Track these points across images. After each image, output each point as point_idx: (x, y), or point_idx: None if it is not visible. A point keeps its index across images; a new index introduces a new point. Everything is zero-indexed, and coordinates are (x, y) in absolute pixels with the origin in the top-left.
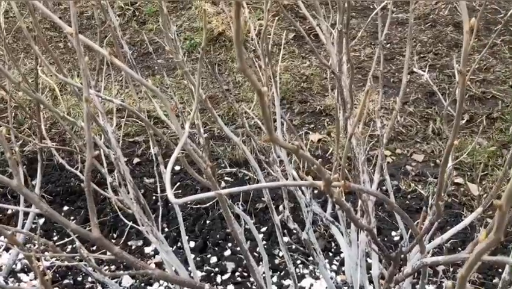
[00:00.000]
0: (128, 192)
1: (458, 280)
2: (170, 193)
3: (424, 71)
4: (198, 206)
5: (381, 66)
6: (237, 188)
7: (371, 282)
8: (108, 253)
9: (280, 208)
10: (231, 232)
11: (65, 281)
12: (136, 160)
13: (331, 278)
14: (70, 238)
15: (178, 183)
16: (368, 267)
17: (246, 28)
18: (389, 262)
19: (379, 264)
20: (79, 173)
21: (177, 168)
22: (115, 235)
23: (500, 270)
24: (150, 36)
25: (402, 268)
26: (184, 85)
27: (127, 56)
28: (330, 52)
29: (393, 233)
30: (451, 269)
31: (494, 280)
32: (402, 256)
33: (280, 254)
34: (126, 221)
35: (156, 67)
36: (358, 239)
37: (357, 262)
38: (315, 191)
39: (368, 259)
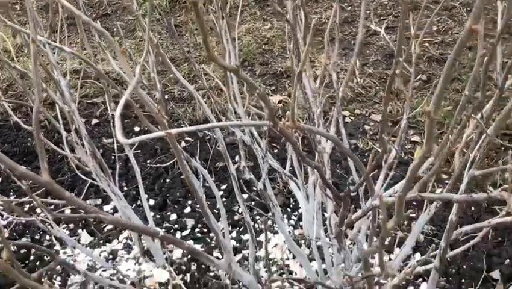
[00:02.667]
0: (83, 146)
1: (396, 200)
2: (119, 135)
3: (387, 33)
4: (158, 165)
5: (329, 24)
6: (187, 128)
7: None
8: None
9: (236, 158)
10: (185, 178)
11: (23, 239)
12: (94, 121)
13: (289, 232)
14: (28, 197)
15: (137, 144)
16: (325, 220)
17: None
18: (339, 204)
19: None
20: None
21: (137, 129)
22: (73, 194)
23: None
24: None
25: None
26: (143, 47)
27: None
28: (288, 10)
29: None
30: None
31: None
32: (351, 195)
33: (240, 210)
34: (85, 178)
35: (115, 29)
36: (314, 194)
37: (313, 216)
38: (275, 150)
39: (325, 213)
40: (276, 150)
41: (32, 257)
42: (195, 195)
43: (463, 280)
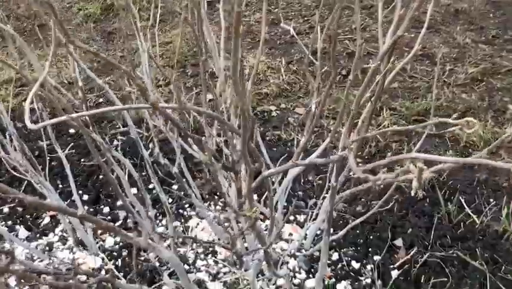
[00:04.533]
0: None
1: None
2: (27, 120)
3: (308, 32)
4: (90, 162)
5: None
6: (85, 112)
7: None
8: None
9: (150, 145)
10: (101, 166)
11: None
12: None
13: (214, 217)
14: None
15: (72, 144)
16: None
17: None
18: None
19: None
20: None
21: (71, 131)
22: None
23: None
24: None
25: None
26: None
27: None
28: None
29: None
30: None
31: None
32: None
33: (170, 200)
34: (21, 178)
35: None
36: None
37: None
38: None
39: None
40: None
41: None
42: (107, 175)
43: (370, 249)
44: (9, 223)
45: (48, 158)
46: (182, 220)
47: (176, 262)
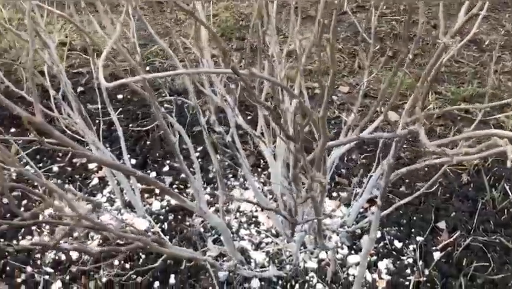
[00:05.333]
0: (73, 111)
1: (320, 120)
2: (101, 78)
3: (355, 11)
4: (139, 128)
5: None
6: (161, 74)
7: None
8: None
9: (207, 112)
10: (161, 127)
11: (14, 193)
12: (80, 89)
13: (258, 188)
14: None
15: (120, 109)
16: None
17: None
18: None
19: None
20: (25, 94)
21: (120, 96)
22: (60, 154)
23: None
24: None
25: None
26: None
27: None
28: None
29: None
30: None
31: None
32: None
33: (214, 169)
34: (73, 136)
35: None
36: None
37: (280, 172)
38: (248, 117)
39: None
40: (249, 117)
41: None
42: (168, 141)
43: (413, 230)
44: (59, 181)
45: (97, 121)
46: (226, 190)
47: (224, 228)
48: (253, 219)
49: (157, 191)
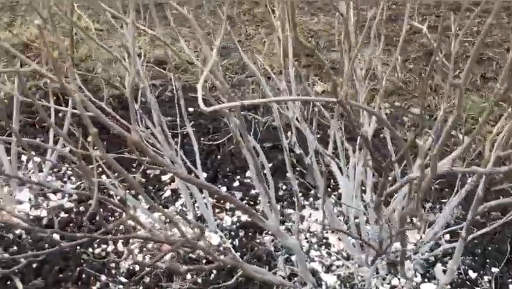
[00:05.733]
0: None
1: (432, 157)
2: (201, 103)
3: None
4: (210, 142)
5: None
6: (257, 100)
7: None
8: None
9: (289, 134)
10: (244, 148)
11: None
12: None
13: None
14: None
15: (192, 122)
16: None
17: None
18: (380, 174)
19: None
20: (104, 105)
21: (191, 109)
22: (134, 165)
23: None
24: None
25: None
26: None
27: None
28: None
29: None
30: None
31: None
32: (391, 166)
33: (284, 187)
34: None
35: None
36: (354, 174)
37: (353, 194)
38: (318, 136)
39: (363, 194)
40: (318, 135)
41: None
42: (251, 160)
43: (488, 260)
44: (133, 192)
45: (170, 133)
46: (296, 209)
47: (298, 249)
48: (324, 240)
49: (227, 206)
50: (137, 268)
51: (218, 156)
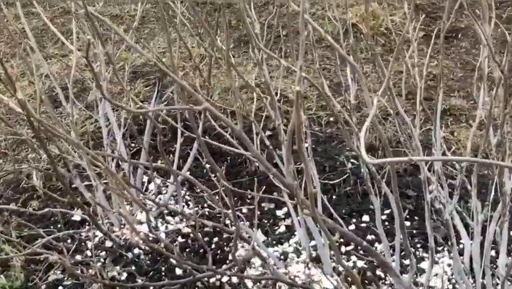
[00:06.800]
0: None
1: None
2: (364, 153)
3: None
4: (326, 181)
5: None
6: (420, 158)
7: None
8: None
9: (431, 188)
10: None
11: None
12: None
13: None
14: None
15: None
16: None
17: (377, 22)
18: None
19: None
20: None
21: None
22: (249, 196)
23: None
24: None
25: None
26: (313, 70)
27: None
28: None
29: None
30: None
31: None
32: None
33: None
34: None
35: (288, 50)
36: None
37: (483, 252)
38: None
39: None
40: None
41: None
42: (397, 211)
43: None
44: (247, 223)
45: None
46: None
47: None
48: None
49: (343, 250)
50: None
51: (333, 197)
